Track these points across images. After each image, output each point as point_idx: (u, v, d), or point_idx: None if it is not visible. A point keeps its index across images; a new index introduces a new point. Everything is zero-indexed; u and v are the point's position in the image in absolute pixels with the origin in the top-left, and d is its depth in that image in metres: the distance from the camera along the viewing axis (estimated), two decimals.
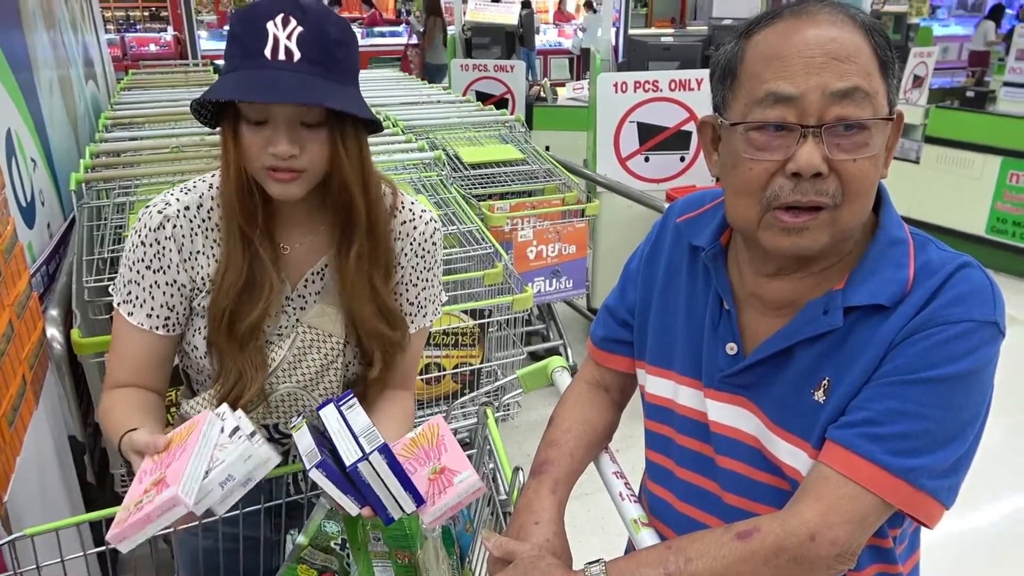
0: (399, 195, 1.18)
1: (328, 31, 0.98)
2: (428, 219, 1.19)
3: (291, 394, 1.15)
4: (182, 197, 1.10)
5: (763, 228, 0.83)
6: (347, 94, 1.00)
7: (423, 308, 1.23)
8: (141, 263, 1.09)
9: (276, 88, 0.95)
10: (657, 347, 1.02)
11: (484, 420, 1.29)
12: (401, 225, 1.17)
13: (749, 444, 0.92)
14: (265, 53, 0.96)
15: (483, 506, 1.25)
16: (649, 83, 3.48)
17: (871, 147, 0.79)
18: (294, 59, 0.96)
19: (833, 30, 0.78)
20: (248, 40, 0.97)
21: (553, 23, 13.19)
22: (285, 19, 0.96)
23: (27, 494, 1.42)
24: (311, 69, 0.97)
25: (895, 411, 0.79)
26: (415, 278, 1.20)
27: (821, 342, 0.85)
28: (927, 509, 0.80)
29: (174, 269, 1.10)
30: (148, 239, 1.08)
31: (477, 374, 2.29)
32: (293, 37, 0.96)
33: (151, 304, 1.10)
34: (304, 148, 1.00)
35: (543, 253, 2.94)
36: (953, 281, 0.81)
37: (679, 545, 0.84)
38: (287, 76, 0.96)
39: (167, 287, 1.10)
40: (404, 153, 2.83)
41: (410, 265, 1.19)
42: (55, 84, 2.84)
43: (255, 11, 0.98)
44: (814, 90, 0.77)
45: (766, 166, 0.80)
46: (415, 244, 1.18)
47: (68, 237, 2.34)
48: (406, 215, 1.18)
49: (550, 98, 5.88)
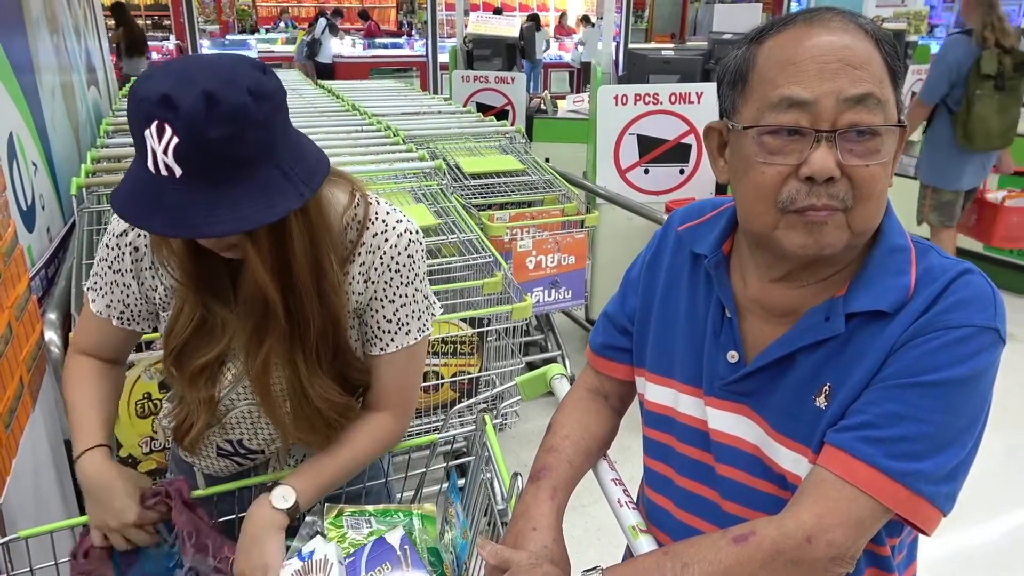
0: (372, 206, 1.09)
1: (208, 134, 0.83)
2: (403, 230, 1.09)
3: (252, 411, 1.14)
4: None
5: (783, 229, 0.82)
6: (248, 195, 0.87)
7: (404, 325, 1.13)
8: (104, 262, 1.13)
9: (159, 215, 0.86)
10: (657, 355, 1.02)
11: (482, 427, 1.29)
12: (372, 238, 1.08)
13: (749, 452, 0.92)
14: (148, 166, 0.85)
15: (480, 514, 1.25)
16: (650, 96, 3.49)
17: (883, 153, 0.79)
18: (176, 175, 0.84)
19: (846, 37, 0.79)
20: (137, 141, 0.87)
21: (554, 37, 13.28)
22: (160, 127, 0.83)
23: (22, 496, 1.41)
24: (197, 182, 0.85)
25: (894, 415, 0.79)
26: (390, 294, 1.11)
27: (822, 348, 0.85)
28: (924, 514, 0.79)
29: (128, 275, 1.12)
30: (111, 243, 1.12)
31: (475, 383, 2.29)
32: (170, 152, 0.83)
33: (109, 298, 1.15)
34: (217, 241, 0.96)
35: (542, 263, 2.94)
36: (954, 287, 0.81)
37: (676, 551, 0.84)
38: (170, 197, 0.85)
39: (124, 288, 1.14)
40: (405, 162, 2.84)
41: (383, 280, 1.10)
42: (57, 89, 2.85)
43: (133, 108, 0.86)
44: (828, 95, 0.78)
45: (779, 170, 0.81)
46: (386, 258, 1.09)
47: (68, 241, 2.34)
48: (378, 227, 1.08)
49: (550, 110, 5.90)
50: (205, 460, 1.20)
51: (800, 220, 0.81)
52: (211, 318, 1.06)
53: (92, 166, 2.45)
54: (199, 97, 0.82)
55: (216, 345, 1.07)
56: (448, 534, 1.19)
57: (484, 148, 3.39)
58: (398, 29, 14.95)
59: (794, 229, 0.81)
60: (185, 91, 0.82)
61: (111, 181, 2.35)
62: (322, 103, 4.04)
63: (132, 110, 0.86)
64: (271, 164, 0.89)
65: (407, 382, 1.19)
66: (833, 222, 0.80)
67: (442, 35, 8.69)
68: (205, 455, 1.19)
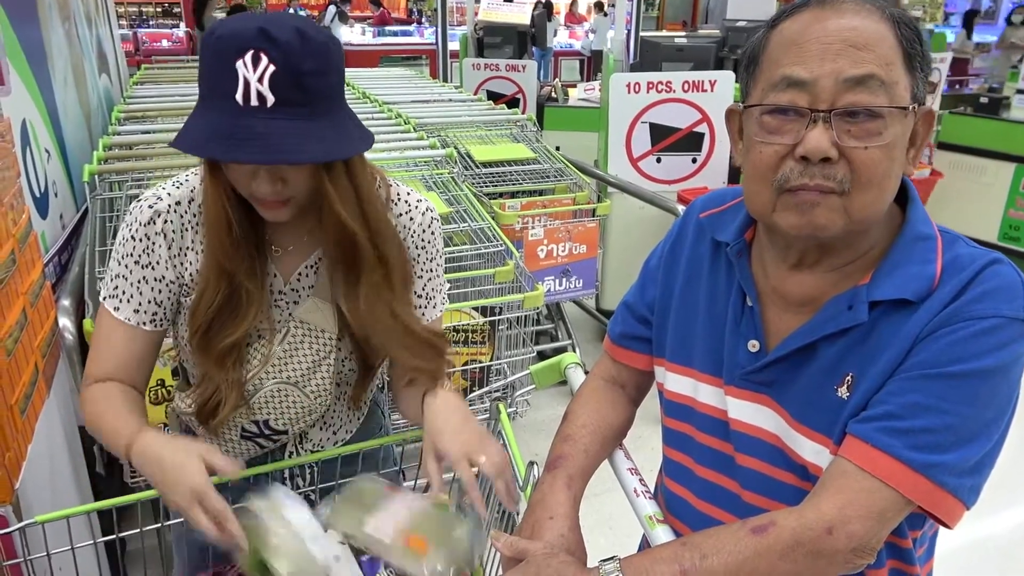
0: (392, 186, 1.14)
1: (303, 66, 0.88)
2: (424, 208, 1.15)
3: (281, 390, 1.13)
4: (173, 192, 1.08)
5: (779, 210, 0.83)
6: (330, 129, 0.93)
7: (431, 299, 1.20)
8: (130, 258, 1.07)
9: (249, 144, 0.88)
10: (677, 344, 1.01)
11: (496, 415, 1.28)
12: (398, 218, 1.13)
13: (770, 442, 0.91)
14: (236, 98, 0.87)
15: (495, 503, 1.24)
16: (662, 84, 3.46)
17: (883, 136, 0.78)
18: (268, 104, 0.88)
19: (856, 19, 0.78)
20: (218, 79, 0.89)
21: (564, 24, 13.19)
22: (255, 56, 0.86)
23: (38, 482, 1.42)
24: (288, 112, 0.89)
25: (917, 405, 0.78)
26: (419, 270, 1.16)
27: (845, 338, 0.84)
28: (947, 507, 0.78)
29: (163, 265, 1.07)
30: (139, 234, 1.06)
31: (487, 372, 2.28)
32: (265, 80, 0.87)
33: (138, 299, 1.08)
34: (288, 181, 0.96)
35: (554, 252, 2.93)
36: (982, 277, 0.80)
37: (694, 541, 0.83)
38: (261, 126, 0.88)
39: (155, 283, 1.08)
40: (416, 150, 2.83)
41: (413, 258, 1.15)
42: (69, 76, 2.85)
43: (223, 43, 0.89)
44: (827, 76, 0.77)
45: (776, 149, 0.81)
46: (415, 236, 1.14)
47: (80, 228, 2.35)
48: (402, 207, 1.14)
49: (561, 99, 5.87)
50: (228, 443, 1.20)
51: (793, 200, 0.81)
52: (236, 295, 1.04)
53: (104, 153, 2.46)
54: (294, 31, 0.88)
55: (243, 322, 1.06)
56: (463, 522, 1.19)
57: (495, 136, 3.38)
58: (408, 16, 14.87)
59: (788, 209, 0.82)
60: (278, 27, 0.88)
61: (123, 168, 2.36)
62: None
63: (216, 46, 0.89)
64: (340, 107, 0.96)
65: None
66: (826, 204, 0.79)
67: (452, 22, 8.65)
68: (228, 438, 1.19)
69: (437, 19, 5.85)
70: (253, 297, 1.05)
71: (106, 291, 1.09)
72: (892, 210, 0.87)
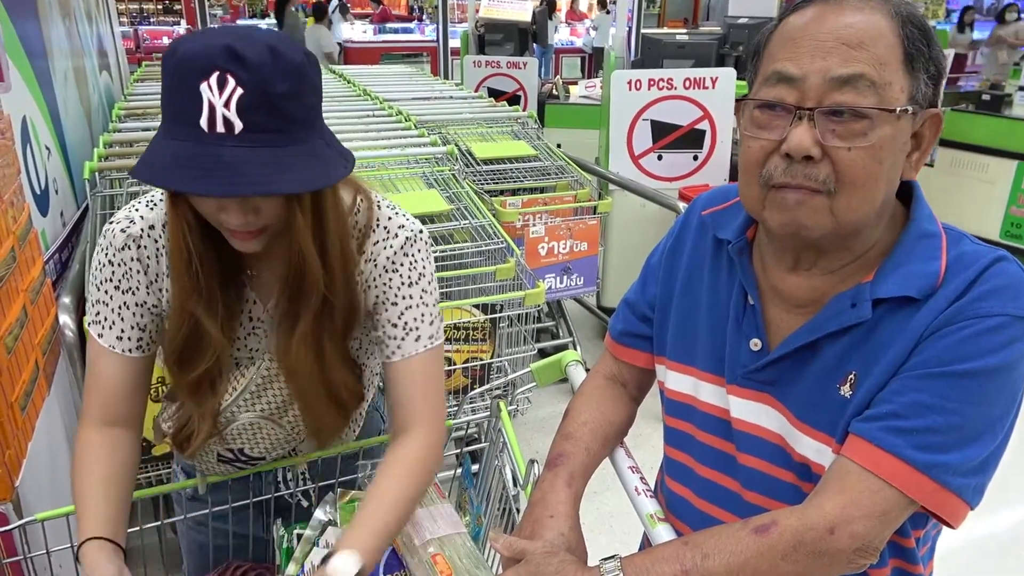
0: (376, 211, 1.06)
1: (275, 88, 0.80)
2: (402, 234, 1.06)
3: (254, 423, 1.10)
4: (147, 214, 1.02)
5: (767, 208, 0.83)
6: (305, 156, 0.85)
7: (413, 331, 1.06)
8: (109, 283, 1.02)
9: (214, 175, 0.80)
10: (678, 342, 1.00)
11: (497, 413, 1.28)
12: (373, 246, 1.05)
13: (772, 442, 0.91)
14: (201, 124, 0.79)
15: (495, 501, 1.24)
16: (664, 81, 3.46)
17: (869, 137, 0.76)
18: (235, 131, 0.80)
19: (856, 16, 0.77)
20: (180, 104, 0.81)
21: (566, 22, 13.17)
22: (221, 79, 0.78)
23: (38, 480, 1.42)
24: (258, 139, 0.81)
25: (921, 405, 0.77)
26: (392, 295, 1.06)
27: (847, 336, 0.84)
28: (951, 508, 0.78)
29: (143, 291, 1.03)
30: (115, 259, 1.01)
31: (487, 369, 2.28)
32: (232, 104, 0.79)
33: (120, 326, 1.03)
34: (261, 211, 0.90)
35: (555, 250, 2.92)
36: (987, 274, 0.79)
37: (695, 540, 0.82)
38: (228, 155, 0.80)
39: (137, 308, 1.03)
40: (417, 147, 2.83)
41: (382, 283, 1.05)
42: (70, 74, 2.84)
43: (185, 64, 0.80)
44: (816, 73, 0.77)
45: (763, 144, 0.81)
46: (385, 260, 1.05)
47: (81, 226, 2.35)
48: (380, 234, 1.05)
49: (562, 96, 5.86)
50: (206, 464, 1.18)
51: (777, 197, 0.81)
52: (199, 330, 1.00)
53: (105, 150, 2.45)
54: (264, 49, 0.80)
55: (202, 359, 1.02)
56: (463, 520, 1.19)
57: (496, 134, 3.37)
58: (409, 14, 14.86)
59: (775, 206, 0.82)
60: (248, 44, 0.80)
61: (123, 165, 2.35)
62: (333, 88, 4.02)
63: (178, 67, 0.80)
64: (317, 132, 0.89)
65: (428, 391, 1.08)
66: (812, 204, 0.79)
67: (453, 20, 8.63)
68: (206, 460, 1.17)
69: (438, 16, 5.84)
70: (210, 338, 1.00)
71: (89, 317, 1.05)
72: (896, 208, 0.86)
